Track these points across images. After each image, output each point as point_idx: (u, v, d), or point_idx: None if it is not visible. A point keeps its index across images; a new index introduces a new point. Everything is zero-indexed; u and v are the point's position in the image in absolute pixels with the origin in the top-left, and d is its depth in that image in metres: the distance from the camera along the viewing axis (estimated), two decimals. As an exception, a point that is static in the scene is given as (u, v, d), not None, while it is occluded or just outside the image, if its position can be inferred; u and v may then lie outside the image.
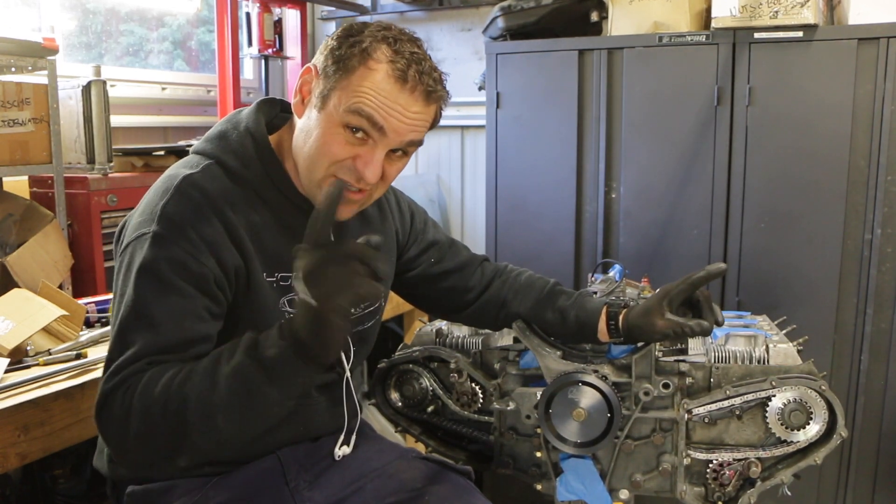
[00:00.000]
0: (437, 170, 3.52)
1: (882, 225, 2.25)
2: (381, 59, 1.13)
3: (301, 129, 1.19)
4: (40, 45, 2.16)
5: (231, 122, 1.25)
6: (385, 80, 1.12)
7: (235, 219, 1.15)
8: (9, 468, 1.43)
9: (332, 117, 1.14)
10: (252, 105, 1.28)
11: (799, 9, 2.21)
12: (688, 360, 1.44)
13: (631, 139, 2.51)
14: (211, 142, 1.24)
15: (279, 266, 1.21)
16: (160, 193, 1.15)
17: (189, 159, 1.23)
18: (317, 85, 1.16)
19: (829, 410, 1.36)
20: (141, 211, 1.16)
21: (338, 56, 1.14)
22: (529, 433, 1.49)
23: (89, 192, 2.34)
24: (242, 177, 1.19)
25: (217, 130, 1.26)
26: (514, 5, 2.63)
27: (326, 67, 1.15)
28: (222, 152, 1.21)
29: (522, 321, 1.47)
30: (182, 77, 3.28)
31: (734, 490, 1.42)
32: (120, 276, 1.13)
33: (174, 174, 1.18)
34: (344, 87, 1.13)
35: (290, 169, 1.23)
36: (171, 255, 1.09)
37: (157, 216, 1.12)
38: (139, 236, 1.12)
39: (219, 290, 1.13)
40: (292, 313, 1.17)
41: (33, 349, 1.66)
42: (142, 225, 1.13)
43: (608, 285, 1.91)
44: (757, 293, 2.39)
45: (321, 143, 1.15)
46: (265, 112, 1.28)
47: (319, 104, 1.15)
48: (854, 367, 2.33)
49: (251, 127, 1.23)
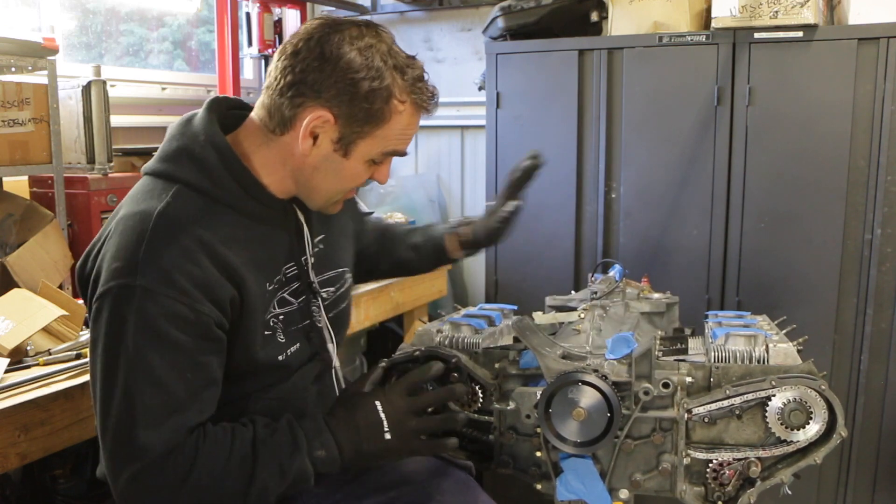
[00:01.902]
0: (437, 170, 3.51)
1: (882, 225, 2.25)
2: (405, 98, 1.15)
3: (308, 164, 1.17)
4: (40, 45, 2.15)
5: (187, 136, 1.17)
6: (410, 116, 1.16)
7: (220, 245, 1.10)
8: (9, 468, 1.43)
9: (359, 160, 1.17)
10: (202, 111, 1.20)
11: (799, 9, 2.21)
12: (688, 360, 1.44)
13: (631, 139, 2.51)
14: (172, 162, 1.16)
15: (271, 272, 1.20)
16: (136, 236, 1.07)
17: (152, 185, 1.15)
18: (332, 130, 1.13)
19: (828, 410, 1.36)
20: (115, 254, 1.08)
21: (364, 108, 1.11)
22: (529, 433, 1.48)
23: (89, 192, 2.34)
24: (215, 195, 1.14)
25: (174, 147, 1.17)
26: (514, 5, 2.63)
27: (349, 117, 1.12)
28: (188, 173, 1.14)
29: (522, 321, 1.47)
30: (182, 77, 3.28)
31: (734, 490, 1.42)
32: (101, 329, 1.06)
33: (145, 210, 1.10)
34: (375, 135, 1.15)
35: (258, 173, 1.18)
36: (166, 310, 1.04)
37: (140, 266, 1.04)
38: (122, 287, 1.05)
39: (219, 328, 1.10)
40: (281, 315, 1.19)
41: (33, 349, 1.66)
42: (121, 273, 1.05)
43: (608, 285, 1.91)
44: (757, 293, 2.39)
45: (345, 180, 1.20)
46: (217, 116, 1.20)
47: (342, 150, 1.15)
48: (854, 367, 2.33)
49: (212, 138, 1.15)
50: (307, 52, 1.11)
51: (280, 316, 1.20)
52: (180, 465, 1.03)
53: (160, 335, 1.04)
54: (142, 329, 1.03)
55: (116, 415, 1.03)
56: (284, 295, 1.21)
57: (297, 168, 1.18)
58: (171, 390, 1.04)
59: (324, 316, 1.29)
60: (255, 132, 1.19)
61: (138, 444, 1.02)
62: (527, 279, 2.71)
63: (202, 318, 1.07)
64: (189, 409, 1.06)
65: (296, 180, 1.19)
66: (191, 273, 1.06)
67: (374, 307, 2.55)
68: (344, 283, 1.39)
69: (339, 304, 1.38)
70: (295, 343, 1.23)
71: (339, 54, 1.10)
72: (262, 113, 1.18)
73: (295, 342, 1.23)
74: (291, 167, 1.18)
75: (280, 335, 1.20)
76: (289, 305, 1.22)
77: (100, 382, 1.06)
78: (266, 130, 1.17)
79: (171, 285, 1.04)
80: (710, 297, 2.45)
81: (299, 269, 1.25)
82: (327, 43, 1.11)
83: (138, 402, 1.02)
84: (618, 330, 1.64)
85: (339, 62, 1.10)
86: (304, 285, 1.25)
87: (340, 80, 1.10)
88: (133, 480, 1.02)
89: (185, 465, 1.04)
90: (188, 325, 1.05)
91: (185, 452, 1.04)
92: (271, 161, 1.18)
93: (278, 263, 1.21)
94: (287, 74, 1.12)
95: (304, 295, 1.25)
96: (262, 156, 1.18)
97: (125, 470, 1.02)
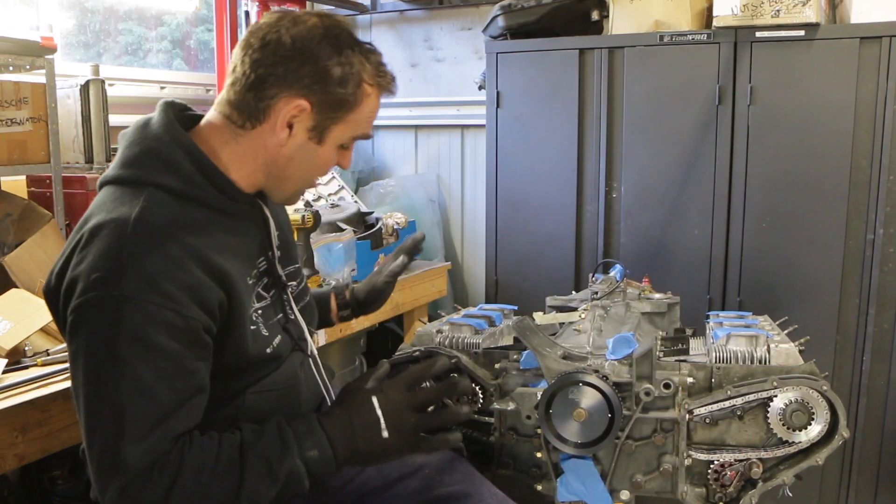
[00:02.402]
0: (437, 170, 3.51)
1: (884, 225, 2.24)
2: (373, 82, 1.18)
3: (283, 155, 1.18)
4: (38, 44, 2.15)
5: (148, 139, 1.15)
6: (377, 99, 1.21)
7: (204, 247, 1.09)
8: (7, 469, 1.43)
9: (331, 146, 1.20)
10: (158, 113, 1.18)
11: (801, 7, 2.20)
12: (689, 361, 1.43)
13: (632, 139, 2.51)
14: (136, 167, 1.13)
15: (249, 267, 1.21)
16: (114, 244, 1.04)
17: (118, 193, 1.11)
18: (307, 118, 1.15)
19: (830, 411, 1.35)
20: (93, 264, 1.03)
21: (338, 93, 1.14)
22: (530, 433, 1.48)
23: (87, 192, 2.33)
24: (187, 194, 1.12)
25: (136, 152, 1.14)
26: (515, 4, 2.62)
27: (324, 104, 1.15)
28: (157, 175, 1.11)
29: (523, 321, 1.46)
30: (181, 76, 3.27)
31: (735, 491, 1.41)
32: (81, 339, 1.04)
33: (119, 218, 1.06)
34: (348, 120, 1.18)
35: (226, 168, 1.18)
36: (153, 317, 1.01)
37: (123, 275, 1.01)
38: (105, 297, 1.02)
39: (206, 333, 1.09)
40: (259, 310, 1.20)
41: (31, 349, 1.65)
42: (103, 283, 1.02)
43: (609, 285, 1.90)
44: (758, 293, 2.38)
45: (318, 167, 1.22)
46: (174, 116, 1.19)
47: (316, 137, 1.17)
48: (856, 368, 2.32)
49: (176, 138, 1.14)
50: (276, 44, 1.12)
51: (259, 311, 1.21)
52: (166, 474, 1.02)
53: (147, 344, 1.02)
54: (128, 339, 1.01)
55: (104, 429, 1.01)
56: (259, 290, 1.23)
57: (270, 160, 1.18)
58: (160, 400, 1.02)
59: (295, 308, 1.31)
60: (219, 129, 1.18)
61: (125, 457, 1.00)
62: (527, 279, 2.70)
63: (190, 322, 1.05)
64: (176, 417, 1.04)
65: (267, 172, 1.20)
66: (177, 278, 1.04)
67: (373, 307, 2.55)
68: (302, 278, 1.41)
69: (304, 297, 1.40)
70: (276, 335, 1.23)
71: (309, 44, 1.13)
72: (226, 110, 1.17)
73: (276, 334, 1.23)
74: (264, 160, 1.18)
75: (263, 329, 1.20)
76: (263, 300, 1.23)
77: (84, 397, 1.03)
78: (233, 127, 1.17)
79: (156, 292, 1.02)
80: (712, 298, 2.45)
81: (268, 264, 1.26)
82: (295, 34, 1.13)
83: (127, 414, 1.00)
84: (619, 330, 1.64)
85: (310, 52, 1.12)
86: (273, 279, 1.26)
87: (313, 68, 1.13)
88: (120, 493, 1.01)
89: (170, 474, 1.02)
90: (176, 331, 1.04)
91: (170, 461, 1.02)
92: (240, 156, 1.18)
93: (253, 258, 1.23)
94: (257, 68, 1.13)
95: (274, 289, 1.27)
96: (231, 151, 1.18)
97: (112, 484, 1.01)
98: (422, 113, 3.43)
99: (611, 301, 1.85)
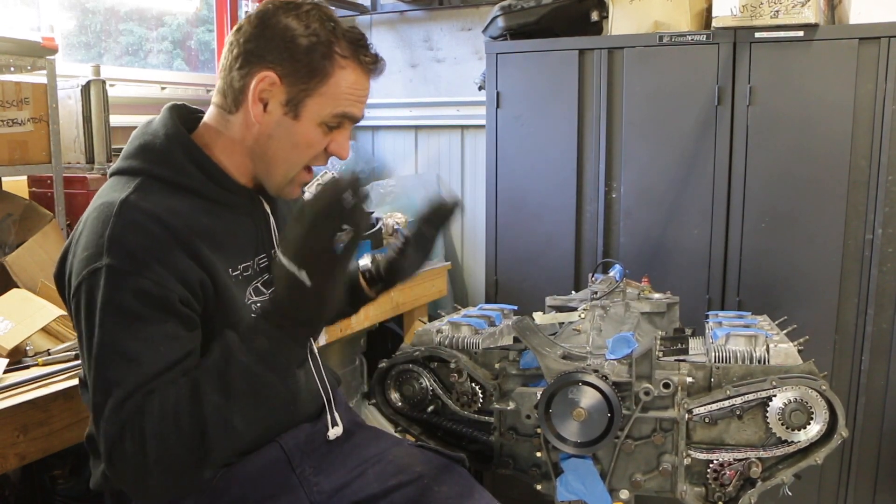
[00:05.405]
0: (437, 170, 3.51)
1: (883, 225, 2.24)
2: (346, 54, 1.17)
3: (263, 133, 1.18)
4: (39, 44, 2.15)
5: (147, 134, 1.21)
6: (357, 75, 1.18)
7: (186, 231, 1.11)
8: (8, 469, 1.43)
9: (310, 122, 1.18)
10: (162, 113, 1.24)
11: (800, 8, 2.21)
12: (688, 360, 1.44)
13: (631, 139, 2.51)
14: (134, 158, 1.19)
15: (238, 258, 1.21)
16: (100, 223, 1.09)
17: (115, 182, 1.17)
18: (279, 92, 1.16)
19: (829, 410, 1.36)
20: (84, 245, 1.10)
21: (305, 62, 1.14)
22: (529, 433, 1.48)
23: (88, 192, 2.33)
24: (179, 183, 1.16)
25: (136, 145, 1.20)
26: (515, 5, 2.63)
27: (293, 75, 1.15)
28: (151, 165, 1.17)
29: (523, 321, 1.47)
30: (182, 77, 3.27)
31: (735, 490, 1.42)
32: (81, 316, 1.08)
33: (108, 201, 1.11)
34: (322, 93, 1.16)
35: (220, 160, 1.21)
36: (131, 285, 1.05)
37: (105, 247, 1.06)
38: (91, 272, 1.06)
39: (185, 306, 1.10)
40: (259, 303, 1.21)
41: (32, 349, 1.65)
42: (90, 259, 1.07)
43: (609, 285, 1.91)
44: (758, 293, 2.39)
45: (300, 146, 1.19)
46: (177, 116, 1.24)
47: (292, 112, 1.17)
48: (855, 367, 2.33)
49: (172, 132, 1.19)
50: (248, 26, 1.17)
51: (259, 304, 1.22)
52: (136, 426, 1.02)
53: (126, 311, 1.05)
54: (110, 306, 1.05)
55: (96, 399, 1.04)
56: (258, 285, 1.24)
57: (253, 141, 1.19)
58: (145, 362, 1.04)
59: None
60: (213, 121, 1.22)
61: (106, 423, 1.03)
62: (527, 279, 2.71)
63: (168, 294, 1.07)
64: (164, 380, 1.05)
65: (253, 155, 1.21)
66: (156, 253, 1.07)
67: (373, 307, 2.54)
68: None
69: None
70: None
71: (278, 20, 1.16)
72: (218, 98, 1.22)
73: None
74: (249, 142, 1.20)
75: None
76: (262, 296, 1.24)
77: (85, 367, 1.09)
78: (223, 114, 1.21)
79: (134, 262, 1.06)
80: (711, 298, 2.45)
81: (270, 261, 1.27)
82: (267, 15, 1.17)
83: (112, 379, 1.03)
84: (618, 330, 1.64)
85: (277, 27, 1.15)
86: None
87: (280, 41, 1.15)
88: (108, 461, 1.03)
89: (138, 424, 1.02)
90: (152, 299, 1.06)
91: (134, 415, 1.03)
92: (230, 143, 1.21)
93: (247, 251, 1.24)
94: (233, 49, 1.18)
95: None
96: (222, 142, 1.21)
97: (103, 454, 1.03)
98: (422, 113, 3.44)
99: (610, 301, 1.86)
